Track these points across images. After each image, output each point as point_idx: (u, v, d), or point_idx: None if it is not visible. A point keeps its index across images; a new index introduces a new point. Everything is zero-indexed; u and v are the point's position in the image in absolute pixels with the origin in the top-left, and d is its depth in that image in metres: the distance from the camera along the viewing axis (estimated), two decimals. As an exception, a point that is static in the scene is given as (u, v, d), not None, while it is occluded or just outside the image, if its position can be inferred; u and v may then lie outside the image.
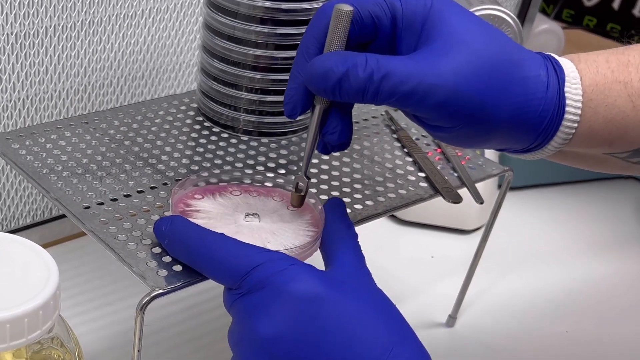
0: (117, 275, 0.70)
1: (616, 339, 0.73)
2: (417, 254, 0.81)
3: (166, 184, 0.55)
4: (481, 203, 0.59)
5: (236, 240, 0.45)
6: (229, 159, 0.59)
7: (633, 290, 0.80)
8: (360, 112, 0.68)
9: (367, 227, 0.54)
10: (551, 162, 0.50)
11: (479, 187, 0.60)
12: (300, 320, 0.42)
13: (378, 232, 0.82)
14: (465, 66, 0.43)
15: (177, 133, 0.61)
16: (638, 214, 0.93)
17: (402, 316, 0.44)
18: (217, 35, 0.60)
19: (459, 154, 0.63)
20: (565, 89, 0.45)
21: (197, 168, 0.57)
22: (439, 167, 0.61)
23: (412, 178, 0.60)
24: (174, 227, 0.46)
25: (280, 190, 0.53)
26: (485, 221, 0.70)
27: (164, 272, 0.46)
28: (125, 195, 0.53)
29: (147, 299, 0.44)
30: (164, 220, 0.47)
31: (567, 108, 0.45)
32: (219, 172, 0.53)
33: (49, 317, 0.42)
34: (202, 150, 0.59)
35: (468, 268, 0.68)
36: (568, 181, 0.96)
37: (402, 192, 0.58)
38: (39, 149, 0.56)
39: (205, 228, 0.46)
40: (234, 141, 0.61)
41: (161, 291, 0.45)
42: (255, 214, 0.50)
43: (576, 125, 0.45)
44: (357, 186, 0.58)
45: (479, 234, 0.69)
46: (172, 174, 0.56)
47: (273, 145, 0.62)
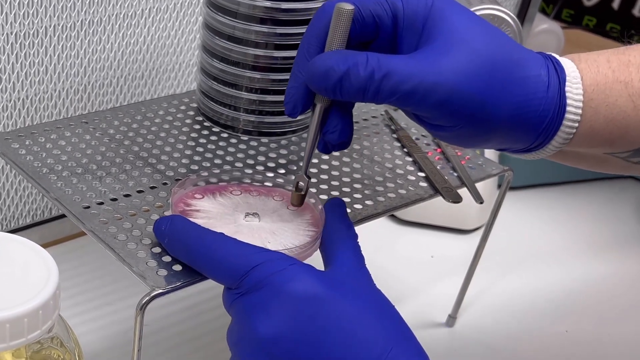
0: (117, 275, 0.70)
1: (616, 339, 0.73)
2: (417, 253, 0.81)
3: (166, 183, 0.55)
4: (481, 203, 0.59)
5: (236, 240, 0.45)
6: (228, 159, 0.59)
7: (633, 290, 0.80)
8: (360, 112, 0.68)
9: (367, 226, 0.54)
10: (551, 162, 0.50)
11: (478, 186, 0.60)
12: (299, 320, 0.42)
13: (378, 232, 0.82)
14: (466, 65, 0.43)
15: (177, 133, 0.61)
16: (638, 214, 0.93)
17: (400, 317, 0.44)
18: (217, 35, 0.60)
19: (459, 153, 0.63)
20: (566, 88, 0.45)
21: (196, 168, 0.57)
22: (438, 167, 0.61)
23: (412, 178, 0.60)
24: (173, 227, 0.46)
25: (280, 190, 0.53)
26: (485, 221, 0.70)
27: (163, 272, 0.46)
28: (125, 195, 0.53)
29: (147, 298, 0.44)
30: (164, 220, 0.47)
31: (568, 108, 0.45)
32: (219, 172, 0.53)
33: (49, 316, 0.42)
34: (202, 150, 0.59)
35: (468, 268, 0.68)
36: (568, 181, 0.96)
37: (402, 191, 0.58)
38: (38, 149, 0.56)
39: (204, 227, 0.46)
40: (233, 141, 0.61)
41: (161, 291, 0.45)
42: (255, 214, 0.50)
43: (577, 125, 0.45)
44: (357, 186, 0.58)
45: (479, 233, 0.69)
46: (171, 174, 0.56)
47: (273, 145, 0.62)
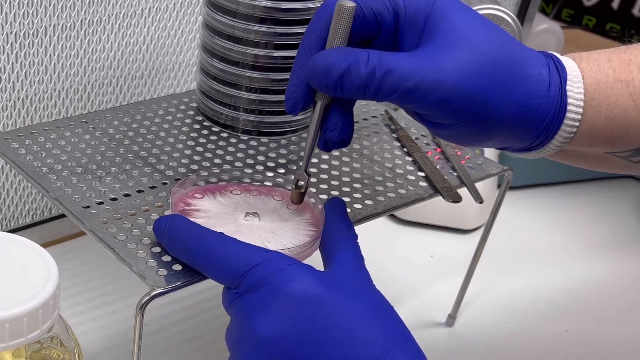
0: (117, 274, 0.70)
1: (616, 338, 0.73)
2: (417, 253, 0.81)
3: (166, 183, 0.55)
4: (481, 202, 0.59)
5: (235, 239, 0.45)
6: (228, 159, 0.59)
7: (633, 290, 0.80)
8: (360, 112, 0.68)
9: (367, 226, 0.54)
10: (551, 162, 0.50)
11: (478, 186, 0.60)
12: (299, 320, 0.42)
13: (378, 232, 0.82)
14: (467, 63, 0.43)
15: (176, 132, 0.61)
16: (638, 213, 0.93)
17: (399, 317, 0.44)
18: (216, 34, 0.60)
19: (459, 153, 0.63)
20: (567, 87, 0.45)
21: (196, 167, 0.57)
22: (438, 167, 0.61)
23: (412, 177, 0.60)
24: (173, 226, 0.46)
25: (280, 189, 0.53)
26: (484, 221, 0.70)
27: (163, 272, 0.46)
28: (125, 195, 0.53)
29: (147, 298, 0.44)
30: (164, 219, 0.47)
31: (569, 107, 0.45)
32: (219, 172, 0.53)
33: (49, 316, 0.42)
34: (201, 149, 0.59)
35: (468, 267, 0.68)
36: (568, 181, 0.96)
37: (402, 191, 0.58)
38: (38, 149, 0.56)
39: (204, 227, 0.46)
40: (233, 141, 0.61)
41: (161, 291, 0.45)
42: (255, 213, 0.50)
43: (578, 124, 0.45)
44: (357, 186, 0.58)
45: (479, 233, 0.69)
46: (171, 174, 0.56)
47: (273, 145, 0.62)
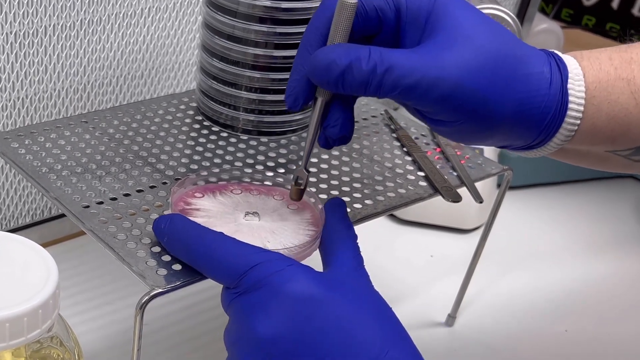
0: (117, 274, 0.70)
1: (616, 338, 0.73)
2: (417, 253, 0.81)
3: (166, 183, 0.55)
4: (480, 202, 0.59)
5: (235, 239, 0.45)
6: (228, 158, 0.59)
7: (633, 290, 0.80)
8: (359, 112, 0.68)
9: (367, 226, 0.54)
10: (551, 162, 0.50)
11: (478, 186, 0.60)
12: (297, 320, 0.42)
13: (377, 232, 0.82)
14: (469, 60, 0.43)
15: (176, 132, 0.61)
16: (638, 213, 0.93)
17: (397, 318, 0.44)
18: (216, 34, 0.60)
19: (459, 153, 0.63)
20: (569, 85, 0.45)
21: (196, 167, 0.57)
22: (438, 166, 0.61)
23: (412, 177, 0.60)
24: (173, 225, 0.46)
25: (280, 189, 0.53)
26: (484, 220, 0.70)
27: (163, 271, 0.46)
28: (125, 195, 0.53)
29: (147, 298, 0.44)
30: (163, 218, 0.47)
31: (570, 105, 0.45)
32: (219, 172, 0.53)
33: (49, 316, 0.42)
34: (201, 149, 0.59)
35: (467, 267, 0.68)
36: (567, 180, 0.96)
37: (402, 191, 0.58)
38: (38, 148, 0.56)
39: (204, 227, 0.46)
40: (233, 140, 0.61)
41: (160, 290, 0.45)
42: (255, 213, 0.50)
43: (579, 122, 0.45)
44: (357, 185, 0.58)
45: (479, 233, 0.69)
46: (171, 173, 0.56)
47: (272, 145, 0.62)
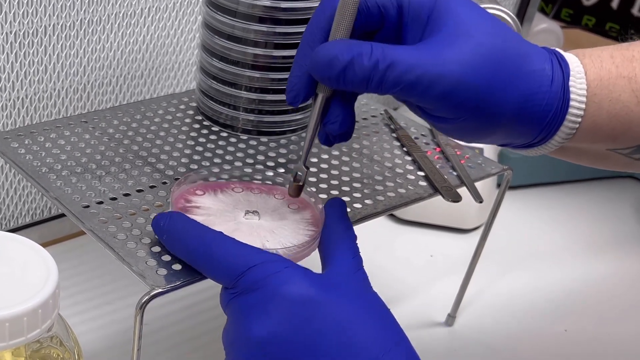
0: (117, 274, 0.70)
1: (616, 338, 0.73)
2: (416, 253, 0.81)
3: (165, 182, 0.55)
4: (480, 202, 0.59)
5: (234, 239, 0.45)
6: (228, 158, 0.59)
7: (633, 289, 0.80)
8: (359, 112, 0.68)
9: (366, 226, 0.54)
10: (550, 161, 0.50)
11: (478, 186, 0.60)
12: (294, 322, 0.42)
13: (377, 231, 0.82)
14: (471, 57, 0.43)
15: (176, 132, 0.61)
16: (637, 213, 0.93)
17: (395, 320, 0.44)
18: (216, 34, 0.60)
19: (458, 152, 0.63)
20: (570, 83, 0.44)
21: (196, 167, 0.57)
22: (438, 166, 0.61)
23: (412, 177, 0.60)
24: (172, 224, 0.46)
25: (282, 188, 0.53)
26: (484, 220, 0.70)
27: (163, 271, 0.46)
28: (125, 194, 0.53)
29: (147, 297, 0.44)
30: (163, 216, 0.47)
31: (572, 102, 0.44)
32: (219, 171, 0.53)
33: (48, 316, 0.42)
34: (201, 149, 0.59)
35: (467, 267, 0.68)
36: (567, 180, 0.96)
37: (402, 191, 0.58)
38: (38, 148, 0.56)
39: (203, 225, 0.46)
40: (233, 140, 0.61)
41: (160, 290, 0.45)
42: (255, 212, 0.50)
43: (580, 119, 0.45)
44: (357, 185, 0.58)
45: (478, 233, 0.69)
46: (171, 173, 0.56)
47: (272, 144, 0.62)
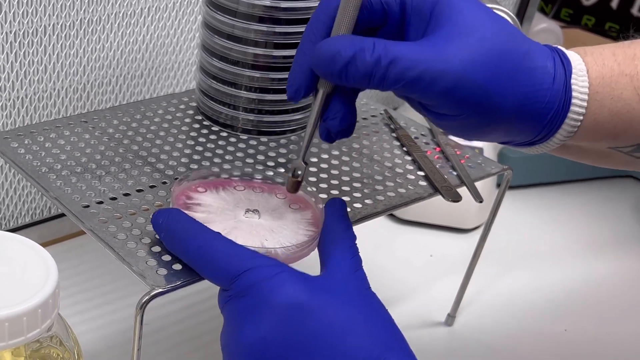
0: (117, 274, 0.70)
1: (616, 338, 0.73)
2: (416, 252, 0.81)
3: (165, 182, 0.55)
4: (480, 202, 0.59)
5: (231, 241, 0.45)
6: (228, 158, 0.59)
7: (632, 289, 0.80)
8: (359, 111, 0.68)
9: (366, 226, 0.54)
10: (550, 161, 0.50)
11: (478, 185, 0.60)
12: (286, 328, 0.42)
13: (377, 231, 0.82)
14: (473, 53, 0.43)
15: (176, 132, 0.61)
16: (637, 213, 0.93)
17: (393, 322, 0.44)
18: (216, 34, 0.60)
19: (458, 152, 0.63)
20: (572, 81, 0.44)
21: (196, 167, 0.57)
22: (438, 166, 0.61)
23: (412, 177, 0.60)
24: (170, 222, 0.46)
25: (283, 188, 0.53)
26: (484, 220, 0.70)
27: (163, 271, 0.46)
28: (125, 194, 0.53)
29: (147, 297, 0.44)
30: (162, 213, 0.47)
31: (573, 100, 0.44)
32: (219, 171, 0.53)
33: (48, 315, 0.41)
34: (201, 149, 0.59)
35: (467, 267, 0.68)
36: (567, 180, 0.96)
37: (402, 190, 0.58)
38: (38, 148, 0.56)
39: (202, 225, 0.46)
40: (233, 140, 0.61)
41: (161, 290, 0.45)
42: (255, 211, 0.50)
43: (581, 117, 0.45)
44: (357, 185, 0.58)
45: (478, 232, 0.69)
46: (171, 173, 0.56)
47: (272, 144, 0.62)
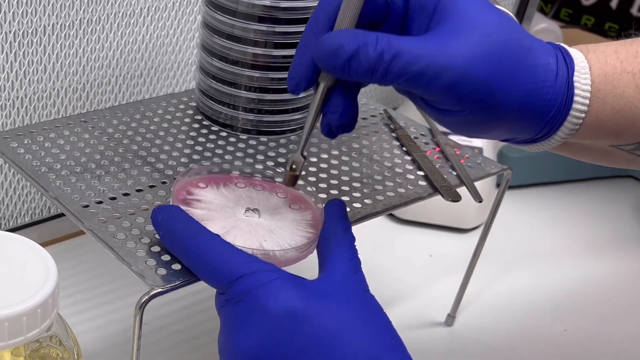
0: (116, 274, 0.70)
1: (615, 338, 0.73)
2: (416, 252, 0.81)
3: (165, 182, 0.55)
4: (480, 202, 0.59)
5: (229, 244, 0.45)
6: (227, 158, 0.59)
7: (632, 289, 0.80)
8: (359, 111, 0.68)
9: (366, 225, 0.54)
10: (550, 161, 0.50)
11: (477, 185, 0.60)
12: (281, 335, 0.42)
13: (377, 231, 0.82)
14: (476, 49, 0.43)
15: (175, 132, 0.61)
16: (637, 213, 0.93)
17: (390, 324, 0.44)
18: (216, 33, 0.60)
19: (458, 152, 0.63)
20: (574, 78, 0.44)
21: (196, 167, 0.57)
22: (437, 166, 0.61)
23: (411, 177, 0.60)
24: (170, 220, 0.46)
25: (284, 187, 0.53)
26: (484, 220, 0.70)
27: (162, 271, 0.46)
28: (124, 194, 0.53)
29: (146, 297, 0.44)
30: (161, 210, 0.47)
31: (576, 98, 0.44)
32: (219, 170, 0.53)
33: (48, 315, 0.41)
34: (200, 148, 0.59)
35: (467, 267, 0.68)
36: (567, 180, 0.96)
37: (401, 190, 0.58)
38: (37, 148, 0.56)
39: (201, 226, 0.46)
40: (232, 140, 0.61)
41: (160, 290, 0.45)
42: (255, 210, 0.50)
43: (584, 115, 0.45)
44: (356, 185, 0.58)
45: (478, 232, 0.69)
46: (170, 173, 0.56)
47: (272, 144, 0.62)
